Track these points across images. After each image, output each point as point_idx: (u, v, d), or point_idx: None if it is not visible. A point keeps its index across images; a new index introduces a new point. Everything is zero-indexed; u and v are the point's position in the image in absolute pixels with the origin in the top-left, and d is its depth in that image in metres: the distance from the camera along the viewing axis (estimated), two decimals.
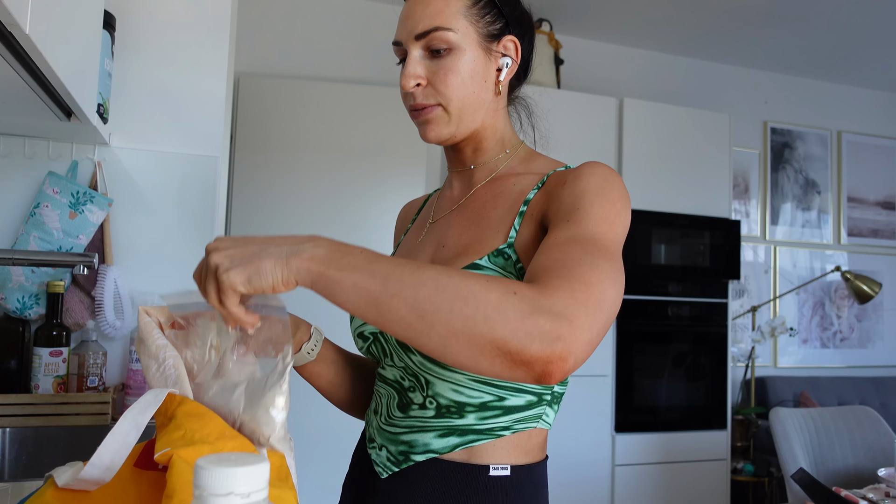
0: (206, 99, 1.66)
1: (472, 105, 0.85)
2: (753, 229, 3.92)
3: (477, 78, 0.84)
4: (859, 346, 4.10)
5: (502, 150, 0.91)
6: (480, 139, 0.90)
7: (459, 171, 0.94)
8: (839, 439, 2.31)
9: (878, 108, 4.28)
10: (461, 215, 0.91)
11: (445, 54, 0.83)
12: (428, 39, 0.83)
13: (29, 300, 1.48)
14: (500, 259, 0.79)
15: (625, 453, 2.97)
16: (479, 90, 0.85)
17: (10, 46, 0.84)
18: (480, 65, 0.84)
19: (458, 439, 0.80)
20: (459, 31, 0.82)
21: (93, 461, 0.57)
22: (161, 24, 1.64)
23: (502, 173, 0.90)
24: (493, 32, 0.85)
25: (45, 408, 1.37)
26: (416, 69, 0.83)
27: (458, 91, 0.83)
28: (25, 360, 1.47)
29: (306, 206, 2.68)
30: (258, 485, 0.40)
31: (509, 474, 0.80)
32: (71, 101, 1.15)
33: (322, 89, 2.77)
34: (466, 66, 0.83)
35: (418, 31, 0.83)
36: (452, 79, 0.83)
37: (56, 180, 1.51)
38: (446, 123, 0.85)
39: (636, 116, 3.10)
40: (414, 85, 0.84)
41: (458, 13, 0.83)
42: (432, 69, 0.83)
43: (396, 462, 0.84)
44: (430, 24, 0.82)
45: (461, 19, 0.83)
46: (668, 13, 3.33)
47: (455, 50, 0.83)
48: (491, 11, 0.85)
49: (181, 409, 0.61)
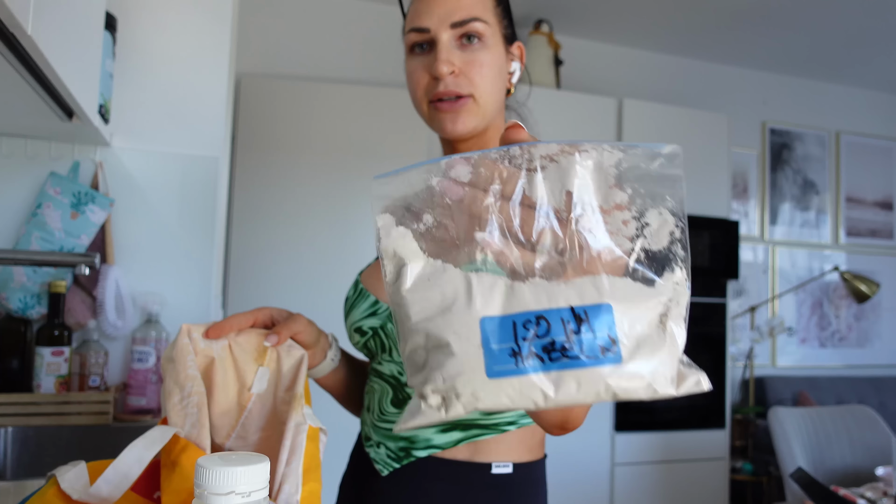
0: (207, 99, 1.67)
1: (496, 100, 0.86)
2: (752, 229, 3.93)
3: (502, 74, 0.86)
4: (858, 346, 4.11)
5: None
6: (488, 138, 0.90)
7: None
8: (837, 439, 2.32)
9: (876, 108, 4.29)
10: None
11: (478, 46, 0.83)
12: (466, 28, 0.82)
13: (31, 300, 1.48)
14: None
15: (624, 452, 2.98)
16: (500, 87, 0.87)
17: (13, 48, 0.84)
18: (503, 62, 0.86)
19: (462, 434, 0.80)
20: (493, 27, 0.84)
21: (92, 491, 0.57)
22: (162, 25, 1.64)
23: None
24: (509, 35, 0.88)
25: (46, 407, 1.37)
26: (451, 55, 0.83)
27: (489, 83, 0.84)
28: (27, 359, 1.48)
29: (307, 206, 2.69)
30: (258, 484, 0.40)
31: (511, 472, 0.80)
32: (72, 102, 1.15)
33: (323, 90, 2.77)
34: (495, 60, 0.85)
35: (456, 19, 0.82)
36: (487, 71, 0.83)
37: (58, 180, 1.51)
38: (475, 114, 0.85)
39: (636, 117, 3.10)
40: (449, 72, 0.83)
41: (491, 9, 0.85)
42: (464, 59, 0.83)
43: (397, 458, 0.83)
44: (470, 14, 0.82)
45: (493, 16, 0.85)
46: (668, 13, 3.33)
47: (487, 44, 0.84)
48: (507, 16, 0.88)
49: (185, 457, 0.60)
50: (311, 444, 0.68)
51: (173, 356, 0.70)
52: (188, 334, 0.72)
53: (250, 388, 0.72)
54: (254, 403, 0.71)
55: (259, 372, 0.73)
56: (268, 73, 2.96)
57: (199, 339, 0.73)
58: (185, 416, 0.65)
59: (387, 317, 0.86)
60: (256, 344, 0.75)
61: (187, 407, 0.66)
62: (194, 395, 0.67)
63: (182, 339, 0.71)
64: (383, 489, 0.84)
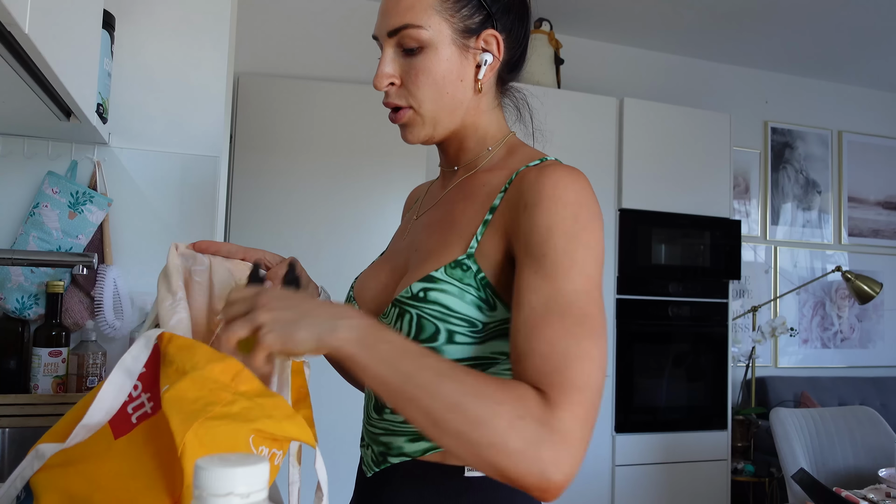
0: (206, 99, 1.66)
1: (447, 106, 0.81)
2: (754, 229, 3.92)
3: (451, 78, 0.80)
4: (860, 347, 4.10)
5: (484, 148, 0.87)
6: (462, 138, 0.86)
7: (445, 170, 0.92)
8: (840, 439, 2.31)
9: (878, 107, 4.28)
10: (433, 216, 0.88)
11: (418, 53, 0.79)
12: (399, 37, 0.79)
13: (28, 300, 1.48)
14: (458, 271, 0.76)
15: (625, 453, 2.97)
16: (455, 90, 0.81)
17: (10, 46, 0.84)
18: (455, 64, 0.80)
19: (428, 444, 0.80)
20: (432, 28, 0.78)
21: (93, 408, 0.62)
22: (161, 24, 1.64)
23: (479, 170, 0.86)
24: (472, 27, 0.80)
25: (44, 408, 1.37)
26: (387, 68, 0.80)
27: (430, 92, 0.80)
28: (25, 360, 1.47)
29: (306, 205, 2.68)
30: (258, 485, 0.39)
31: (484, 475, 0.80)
32: (70, 101, 1.15)
33: (322, 89, 2.77)
34: (439, 65, 0.79)
35: (390, 28, 0.79)
36: (423, 80, 0.79)
37: (55, 180, 1.51)
38: (421, 125, 0.82)
39: (636, 116, 3.10)
40: (387, 84, 0.81)
41: (431, 8, 0.78)
42: (405, 68, 0.80)
43: (377, 462, 0.84)
44: (401, 21, 0.78)
45: (434, 15, 0.78)
46: (668, 13, 3.33)
47: (427, 48, 0.78)
48: (469, 4, 0.80)
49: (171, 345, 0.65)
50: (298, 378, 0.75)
51: (167, 273, 0.76)
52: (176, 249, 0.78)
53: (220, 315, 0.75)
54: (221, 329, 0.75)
55: None
56: (267, 72, 2.96)
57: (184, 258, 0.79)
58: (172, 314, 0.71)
59: None
60: (239, 275, 0.80)
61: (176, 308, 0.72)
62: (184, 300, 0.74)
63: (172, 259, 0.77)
64: (370, 488, 0.86)
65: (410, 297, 0.77)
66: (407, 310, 0.77)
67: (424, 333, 0.76)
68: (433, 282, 0.76)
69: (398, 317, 0.78)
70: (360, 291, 0.92)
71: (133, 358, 0.66)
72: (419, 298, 0.77)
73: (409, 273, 0.83)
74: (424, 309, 0.76)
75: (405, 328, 0.77)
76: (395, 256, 0.92)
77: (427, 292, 0.76)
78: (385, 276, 0.90)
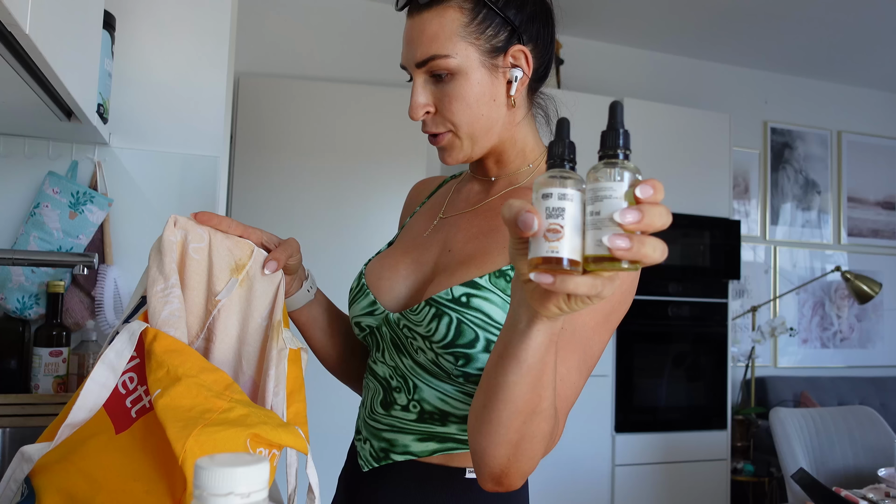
0: (206, 99, 1.66)
1: (483, 127, 0.82)
2: (753, 229, 3.92)
3: (484, 100, 0.80)
4: (859, 346, 4.10)
5: (525, 163, 0.88)
6: (501, 152, 0.87)
7: (479, 178, 0.92)
8: (839, 439, 2.31)
9: (878, 107, 4.28)
10: (472, 221, 0.88)
11: (448, 80, 0.79)
12: (428, 67, 0.80)
13: (29, 300, 1.48)
14: (502, 281, 0.76)
15: (625, 453, 2.97)
16: (489, 111, 0.81)
17: (10, 46, 0.84)
18: (486, 86, 0.80)
19: (438, 445, 0.80)
20: (459, 55, 0.78)
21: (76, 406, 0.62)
22: (161, 24, 1.64)
23: (523, 186, 0.86)
24: (498, 45, 0.80)
25: (44, 408, 1.37)
26: (421, 98, 0.81)
27: (465, 117, 0.80)
28: (25, 360, 1.47)
29: (307, 205, 2.68)
30: (258, 485, 0.39)
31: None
32: (71, 101, 1.15)
33: (322, 89, 2.77)
34: (471, 90, 0.79)
35: (417, 60, 0.80)
36: (458, 106, 0.80)
37: (56, 180, 1.51)
38: (460, 148, 0.83)
39: (637, 116, 3.10)
40: (423, 114, 0.82)
41: (455, 35, 0.78)
42: (438, 95, 0.81)
43: (377, 458, 0.84)
44: (427, 53, 0.79)
45: (459, 42, 0.78)
46: (668, 13, 3.33)
47: (457, 75, 0.79)
48: (492, 23, 0.79)
49: (157, 345, 0.64)
50: (294, 367, 0.74)
51: (161, 248, 0.73)
52: (174, 223, 0.76)
53: (217, 294, 0.75)
54: (219, 310, 0.75)
55: (230, 282, 0.76)
56: (267, 72, 2.96)
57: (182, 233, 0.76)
58: (164, 304, 0.69)
59: (383, 319, 0.86)
60: (238, 254, 0.79)
61: (168, 296, 0.70)
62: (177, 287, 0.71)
63: (169, 234, 0.75)
64: (365, 483, 0.85)
65: (451, 301, 0.76)
66: (446, 312, 0.76)
67: (463, 338, 0.75)
68: (477, 288, 0.76)
69: (434, 317, 0.77)
70: (374, 280, 0.90)
71: (116, 353, 0.65)
72: (461, 303, 0.76)
73: (443, 273, 0.82)
74: (466, 315, 0.75)
75: (442, 330, 0.76)
76: (418, 251, 0.90)
77: (470, 298, 0.75)
78: (405, 269, 0.88)
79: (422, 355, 0.79)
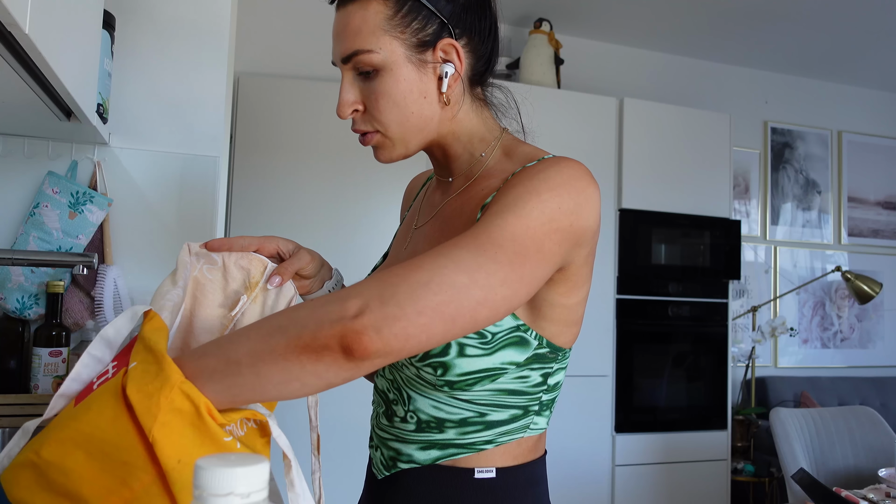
0: (206, 99, 1.66)
1: (415, 126, 0.78)
2: (754, 229, 3.92)
3: (412, 97, 0.76)
4: (860, 347, 4.10)
5: (476, 154, 0.83)
6: (444, 147, 0.84)
7: (441, 179, 0.90)
8: (839, 439, 2.31)
9: (878, 107, 4.28)
10: (433, 227, 0.86)
11: (374, 76, 0.75)
12: (353, 63, 0.76)
13: (28, 300, 1.48)
14: None
15: (625, 453, 2.97)
16: (420, 108, 0.77)
17: (10, 46, 0.84)
18: (414, 83, 0.76)
19: (440, 452, 0.80)
20: (383, 50, 0.74)
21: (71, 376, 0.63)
22: (161, 24, 1.64)
23: (477, 177, 0.83)
24: (426, 39, 0.76)
25: (44, 408, 1.36)
26: (348, 96, 0.77)
27: (394, 115, 0.77)
28: (25, 360, 1.47)
29: (307, 205, 2.68)
30: (258, 485, 0.39)
31: (494, 476, 0.80)
32: (70, 101, 1.15)
33: (323, 89, 2.76)
34: (397, 86, 0.75)
35: (342, 55, 0.76)
36: (385, 103, 0.76)
37: (55, 180, 1.51)
38: (391, 147, 0.80)
39: (636, 116, 3.10)
40: (350, 112, 0.79)
41: (379, 29, 0.74)
42: (366, 93, 0.77)
43: (387, 466, 0.85)
44: (351, 48, 0.75)
45: (382, 36, 0.74)
46: (668, 13, 3.33)
47: (382, 71, 0.75)
48: (419, 16, 0.75)
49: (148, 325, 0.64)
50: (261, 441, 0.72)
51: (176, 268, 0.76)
52: (188, 250, 0.77)
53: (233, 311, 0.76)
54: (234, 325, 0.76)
55: (242, 299, 0.77)
56: (267, 72, 2.96)
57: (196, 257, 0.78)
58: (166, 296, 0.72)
59: None
60: (252, 271, 0.79)
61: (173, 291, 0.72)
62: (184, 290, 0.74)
63: (184, 256, 0.77)
64: (380, 488, 0.86)
65: None
66: None
67: (434, 349, 0.74)
68: None
69: None
70: None
71: (116, 330, 0.65)
72: None
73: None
74: None
75: None
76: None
77: None
78: None
79: (405, 370, 0.80)
